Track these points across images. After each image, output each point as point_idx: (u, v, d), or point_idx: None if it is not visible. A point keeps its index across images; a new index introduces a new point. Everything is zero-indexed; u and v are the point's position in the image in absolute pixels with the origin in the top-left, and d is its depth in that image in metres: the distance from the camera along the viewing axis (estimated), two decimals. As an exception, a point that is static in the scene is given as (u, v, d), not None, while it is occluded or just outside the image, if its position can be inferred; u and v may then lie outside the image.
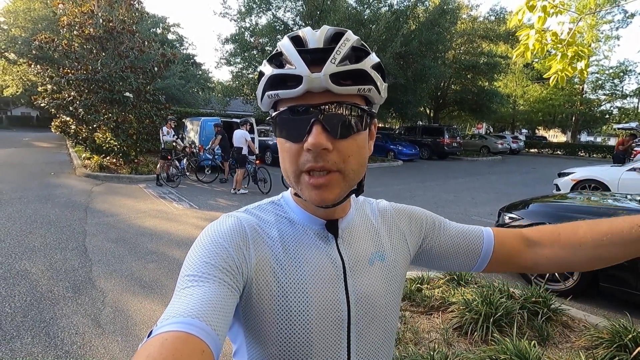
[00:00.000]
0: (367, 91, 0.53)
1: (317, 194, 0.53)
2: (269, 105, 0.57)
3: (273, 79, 0.53)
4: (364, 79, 0.53)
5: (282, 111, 0.53)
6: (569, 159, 22.29)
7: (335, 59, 0.50)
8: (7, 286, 3.29)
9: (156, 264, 3.96)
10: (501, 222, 4.00)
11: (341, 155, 0.52)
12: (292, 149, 0.53)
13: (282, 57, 0.53)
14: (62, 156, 13.79)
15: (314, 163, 0.52)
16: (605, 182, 6.99)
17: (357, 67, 0.52)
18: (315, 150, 0.50)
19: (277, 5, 17.57)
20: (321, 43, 0.52)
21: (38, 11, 21.18)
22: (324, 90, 0.50)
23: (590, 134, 47.34)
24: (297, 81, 0.50)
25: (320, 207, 0.57)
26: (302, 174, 0.54)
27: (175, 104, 19.61)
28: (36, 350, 2.45)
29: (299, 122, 0.52)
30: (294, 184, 0.56)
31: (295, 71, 0.50)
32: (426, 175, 12.82)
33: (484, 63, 21.97)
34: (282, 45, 0.53)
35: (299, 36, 0.54)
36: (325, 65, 0.49)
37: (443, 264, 0.74)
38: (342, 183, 0.54)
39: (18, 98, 33.31)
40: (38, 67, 11.41)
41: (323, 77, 0.49)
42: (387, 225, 0.70)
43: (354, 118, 0.53)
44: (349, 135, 0.53)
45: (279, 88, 0.52)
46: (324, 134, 0.50)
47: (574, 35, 2.27)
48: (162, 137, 8.83)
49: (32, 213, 5.70)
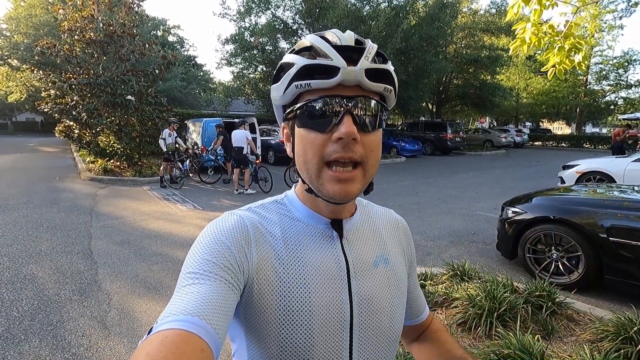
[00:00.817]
0: (389, 91, 0.57)
1: (341, 188, 0.54)
2: (292, 96, 0.57)
3: (305, 69, 0.54)
4: (387, 79, 0.56)
5: (310, 101, 0.54)
6: (573, 151, 22.08)
7: (368, 57, 0.53)
8: (14, 290, 3.34)
9: (161, 266, 3.99)
10: (504, 216, 3.98)
11: (365, 148, 0.54)
12: (317, 139, 0.54)
13: (311, 50, 0.55)
14: (66, 160, 13.90)
15: (343, 153, 0.53)
16: (610, 173, 6.92)
17: (385, 67, 0.56)
18: (347, 139, 0.52)
19: (276, 4, 17.53)
20: (352, 42, 0.55)
21: (39, 17, 21.32)
22: (355, 84, 0.53)
23: (595, 126, 46.86)
24: (331, 73, 0.52)
25: (339, 202, 0.57)
26: (324, 168, 0.54)
27: (177, 105, 19.70)
28: (44, 353, 2.48)
29: (330, 113, 0.53)
30: (313, 178, 0.56)
31: (333, 63, 0.52)
32: (429, 171, 12.78)
33: (486, 56, 21.82)
34: (312, 40, 0.55)
35: (325, 36, 0.56)
36: (360, 60, 0.52)
37: None
38: (362, 178, 0.56)
39: (22, 104, 33.58)
40: (41, 72, 11.50)
41: (359, 71, 0.52)
42: (392, 233, 0.71)
43: (376, 114, 0.56)
44: (373, 129, 0.55)
45: (310, 79, 0.53)
46: (354, 125, 0.52)
47: (570, 27, 2.25)
48: (161, 141, 8.86)
49: (38, 217, 5.76)
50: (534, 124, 39.63)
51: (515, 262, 4.10)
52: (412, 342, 0.82)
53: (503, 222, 3.98)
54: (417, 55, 17.51)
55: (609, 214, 3.23)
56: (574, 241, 3.36)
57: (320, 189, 0.56)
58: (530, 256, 3.72)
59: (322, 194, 0.56)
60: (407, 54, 17.28)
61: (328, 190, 0.55)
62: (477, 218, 6.17)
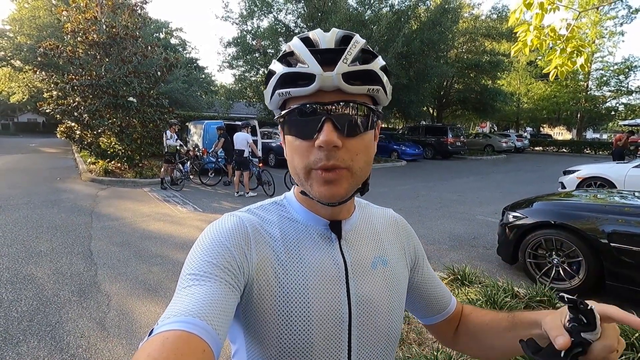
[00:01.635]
0: (376, 92, 0.55)
1: (327, 189, 0.53)
2: (278, 103, 0.58)
3: (285, 77, 0.54)
4: (372, 79, 0.54)
5: (293, 109, 0.54)
6: (574, 157, 22.09)
7: (347, 59, 0.52)
8: (14, 290, 3.33)
9: (160, 267, 3.98)
10: (505, 221, 3.97)
11: (350, 153, 0.53)
12: (302, 146, 0.54)
13: (293, 56, 0.54)
14: (68, 161, 13.92)
15: (326, 161, 0.52)
16: (611, 179, 6.92)
17: (367, 67, 0.54)
18: (327, 147, 0.51)
19: (278, 8, 17.63)
20: (332, 44, 0.54)
21: (43, 19, 21.43)
22: (335, 89, 0.52)
23: (596, 131, 46.88)
24: (309, 79, 0.51)
25: (328, 204, 0.57)
26: (312, 171, 0.54)
27: (179, 107, 19.75)
28: (42, 354, 2.47)
29: (310, 120, 0.53)
30: (303, 182, 0.56)
31: (308, 69, 0.51)
32: (430, 175, 12.78)
33: (487, 61, 21.89)
34: (293, 45, 0.55)
35: (309, 37, 0.55)
36: (337, 65, 0.51)
37: (411, 299, 0.75)
38: (350, 179, 0.55)
39: (24, 104, 33.71)
40: (43, 73, 11.56)
41: (335, 76, 0.51)
42: (391, 233, 0.71)
43: (362, 117, 0.54)
44: (358, 133, 0.54)
45: (291, 86, 0.53)
46: (334, 131, 0.51)
47: (573, 30, 2.26)
48: (165, 141, 8.89)
49: (39, 218, 5.76)
50: (534, 129, 39.67)
51: (515, 267, 4.09)
52: (454, 340, 0.77)
53: (504, 226, 3.97)
54: (418, 59, 17.57)
55: (610, 219, 3.23)
56: (575, 246, 3.35)
57: (310, 191, 0.56)
58: (531, 261, 3.70)
59: (312, 196, 0.57)
60: (408, 58, 17.34)
61: (316, 192, 0.55)
62: (478, 222, 6.16)
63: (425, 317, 0.77)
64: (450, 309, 0.76)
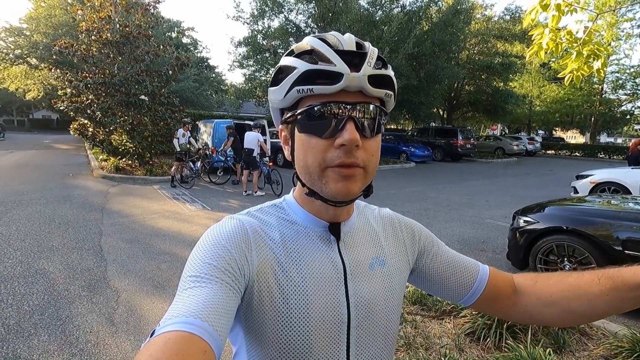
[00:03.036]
0: (389, 97, 0.57)
1: (344, 185, 0.54)
2: (293, 100, 0.57)
3: (307, 74, 0.53)
4: (388, 84, 0.56)
5: (311, 107, 0.54)
6: (587, 161, 21.67)
7: (370, 62, 0.53)
8: (26, 285, 3.39)
9: (169, 264, 4.02)
10: (515, 225, 3.91)
11: (367, 153, 0.55)
12: (318, 144, 0.54)
13: (312, 54, 0.54)
14: (80, 158, 14.17)
15: (345, 159, 0.53)
16: (626, 184, 6.76)
17: (387, 72, 0.56)
18: (350, 145, 0.52)
19: (289, 8, 17.66)
20: (353, 47, 0.55)
21: (58, 17, 21.84)
22: (357, 90, 0.53)
23: (610, 135, 45.98)
24: (334, 78, 0.52)
25: (336, 203, 0.57)
26: (327, 169, 0.54)
27: (189, 106, 19.94)
28: (52, 347, 2.51)
29: (332, 119, 0.53)
30: (315, 180, 0.56)
31: (336, 69, 0.52)
32: (439, 177, 12.67)
33: (499, 63, 21.62)
34: (313, 43, 0.54)
35: (325, 38, 0.55)
36: (363, 66, 0.52)
37: (433, 287, 0.73)
38: (364, 179, 0.56)
39: (39, 102, 34.38)
40: (58, 71, 11.79)
41: (362, 77, 0.52)
42: (389, 233, 0.71)
43: (378, 119, 0.56)
44: (373, 135, 0.56)
45: (312, 84, 0.53)
46: (356, 131, 0.52)
47: (590, 33, 2.20)
48: (175, 140, 8.98)
49: (51, 213, 5.86)
50: (546, 132, 39.03)
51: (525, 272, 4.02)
52: (515, 311, 0.70)
53: (514, 231, 3.91)
54: (429, 60, 17.44)
55: (625, 226, 3.15)
56: (588, 253, 3.28)
57: (322, 189, 0.56)
58: (541, 267, 3.64)
59: (324, 194, 0.56)
60: (419, 59, 17.23)
61: (331, 189, 0.54)
62: (487, 226, 6.08)
63: (460, 298, 0.71)
64: (480, 281, 0.70)
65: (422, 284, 0.74)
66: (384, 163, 14.89)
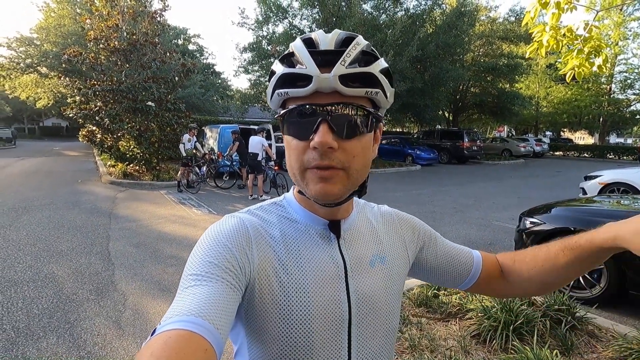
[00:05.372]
0: (374, 94, 0.54)
1: (322, 187, 0.54)
2: (278, 103, 0.58)
3: (284, 77, 0.54)
4: (372, 82, 0.54)
5: (290, 109, 0.55)
6: (596, 162, 21.36)
7: (345, 61, 0.51)
8: (35, 288, 3.45)
9: (175, 268, 4.05)
10: (522, 226, 3.87)
11: (346, 154, 0.54)
12: (298, 146, 0.55)
13: (293, 57, 0.54)
14: (89, 164, 14.37)
15: (320, 161, 0.52)
16: (635, 185, 6.66)
17: (366, 70, 0.53)
18: (321, 148, 0.51)
19: (293, 14, 17.80)
20: (332, 45, 0.54)
21: (68, 27, 22.25)
22: (333, 90, 0.52)
23: (619, 136, 45.30)
24: (306, 80, 0.52)
25: (323, 204, 0.58)
26: (307, 170, 0.55)
27: (196, 112, 20.09)
28: (60, 350, 2.54)
29: (306, 121, 0.53)
30: (299, 181, 0.57)
31: (306, 71, 0.52)
32: (445, 179, 12.59)
33: (504, 65, 21.47)
34: (294, 45, 0.55)
35: (311, 38, 0.55)
36: (335, 67, 0.51)
37: (434, 277, 0.77)
38: (345, 180, 0.55)
39: (49, 109, 35.04)
40: (67, 79, 12.03)
41: (332, 78, 0.51)
42: (389, 229, 0.71)
43: (360, 119, 0.54)
44: (354, 135, 0.54)
45: (289, 87, 0.54)
46: (330, 133, 0.51)
47: (591, 30, 2.19)
48: (181, 145, 9.06)
49: (60, 218, 5.95)
50: (554, 134, 38.59)
51: (533, 275, 3.98)
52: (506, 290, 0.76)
53: (521, 232, 3.87)
54: (433, 63, 17.39)
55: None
56: (596, 254, 3.23)
57: (306, 190, 0.57)
58: (549, 268, 3.59)
59: (308, 195, 0.57)
60: (423, 62, 17.19)
61: (311, 190, 0.55)
62: (494, 228, 6.03)
63: (458, 284, 0.77)
64: (476, 267, 0.75)
65: (422, 276, 0.77)
66: (390, 166, 14.86)
